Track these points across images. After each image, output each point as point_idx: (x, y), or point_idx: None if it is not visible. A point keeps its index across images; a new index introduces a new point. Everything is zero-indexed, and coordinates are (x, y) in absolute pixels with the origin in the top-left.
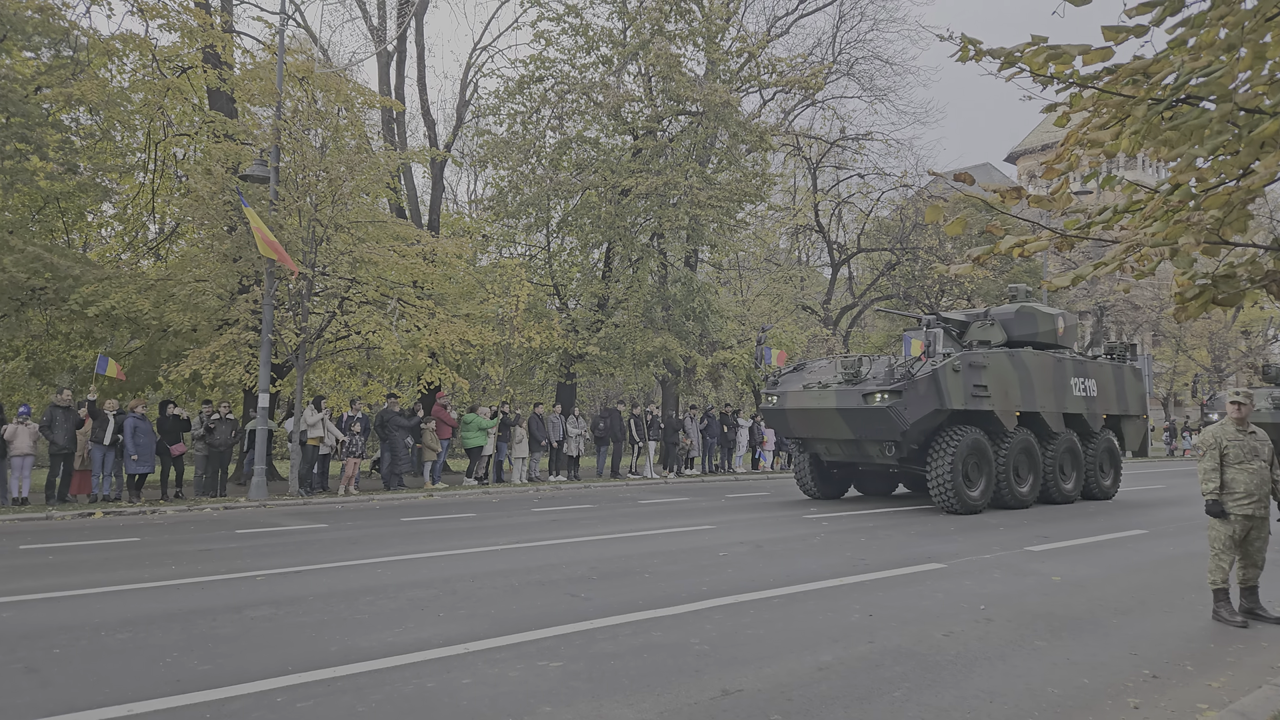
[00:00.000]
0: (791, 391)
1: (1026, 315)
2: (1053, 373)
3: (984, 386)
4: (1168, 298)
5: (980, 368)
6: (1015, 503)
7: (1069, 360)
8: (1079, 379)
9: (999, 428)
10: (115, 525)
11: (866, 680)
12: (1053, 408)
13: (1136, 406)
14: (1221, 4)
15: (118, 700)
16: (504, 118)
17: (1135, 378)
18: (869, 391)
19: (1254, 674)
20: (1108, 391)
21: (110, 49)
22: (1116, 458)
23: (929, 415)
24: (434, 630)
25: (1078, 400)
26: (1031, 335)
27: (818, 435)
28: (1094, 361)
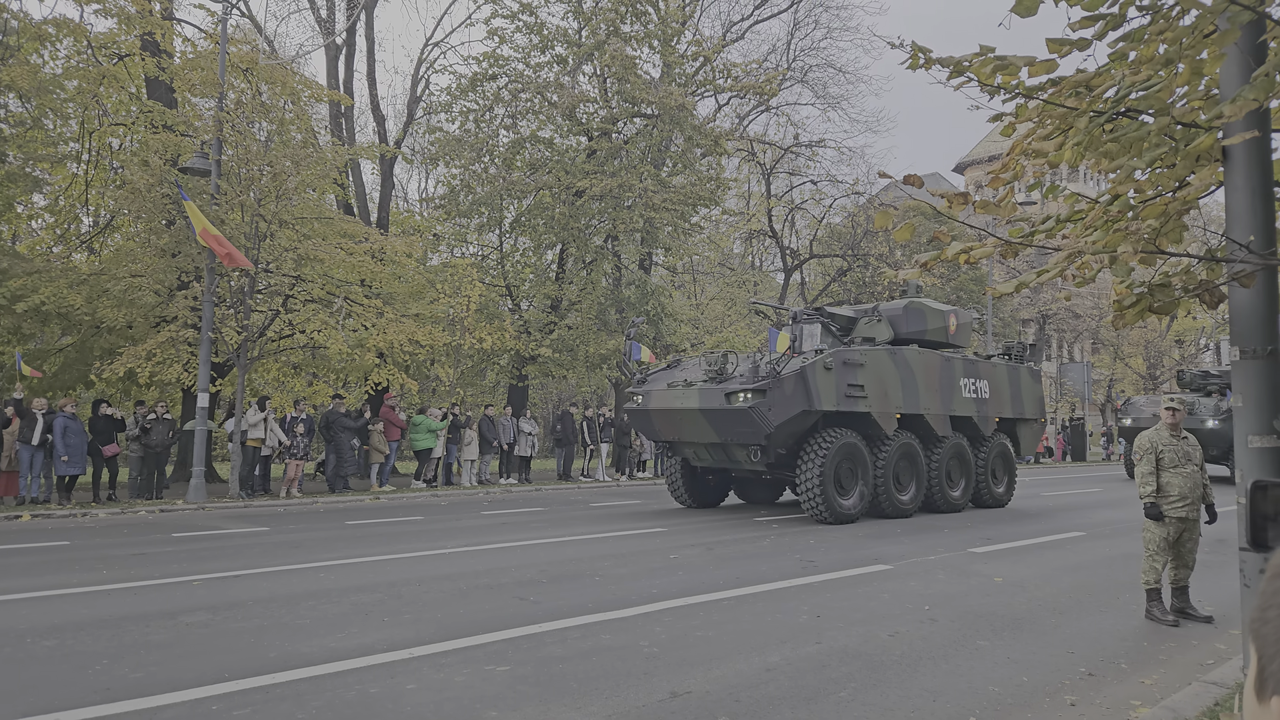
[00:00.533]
0: (656, 391)
1: (915, 311)
2: (940, 372)
3: (860, 386)
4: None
5: (856, 366)
6: (895, 511)
7: (959, 360)
8: (969, 380)
9: (878, 431)
10: (44, 528)
11: (814, 680)
12: (939, 409)
13: (1033, 409)
14: (1161, 19)
15: (43, 710)
16: (456, 115)
17: (1032, 379)
18: (732, 391)
19: (1185, 671)
20: (1001, 393)
21: (43, 34)
22: (1010, 463)
23: (797, 417)
24: (378, 635)
25: (967, 402)
26: (920, 332)
27: (683, 438)
28: (987, 362)
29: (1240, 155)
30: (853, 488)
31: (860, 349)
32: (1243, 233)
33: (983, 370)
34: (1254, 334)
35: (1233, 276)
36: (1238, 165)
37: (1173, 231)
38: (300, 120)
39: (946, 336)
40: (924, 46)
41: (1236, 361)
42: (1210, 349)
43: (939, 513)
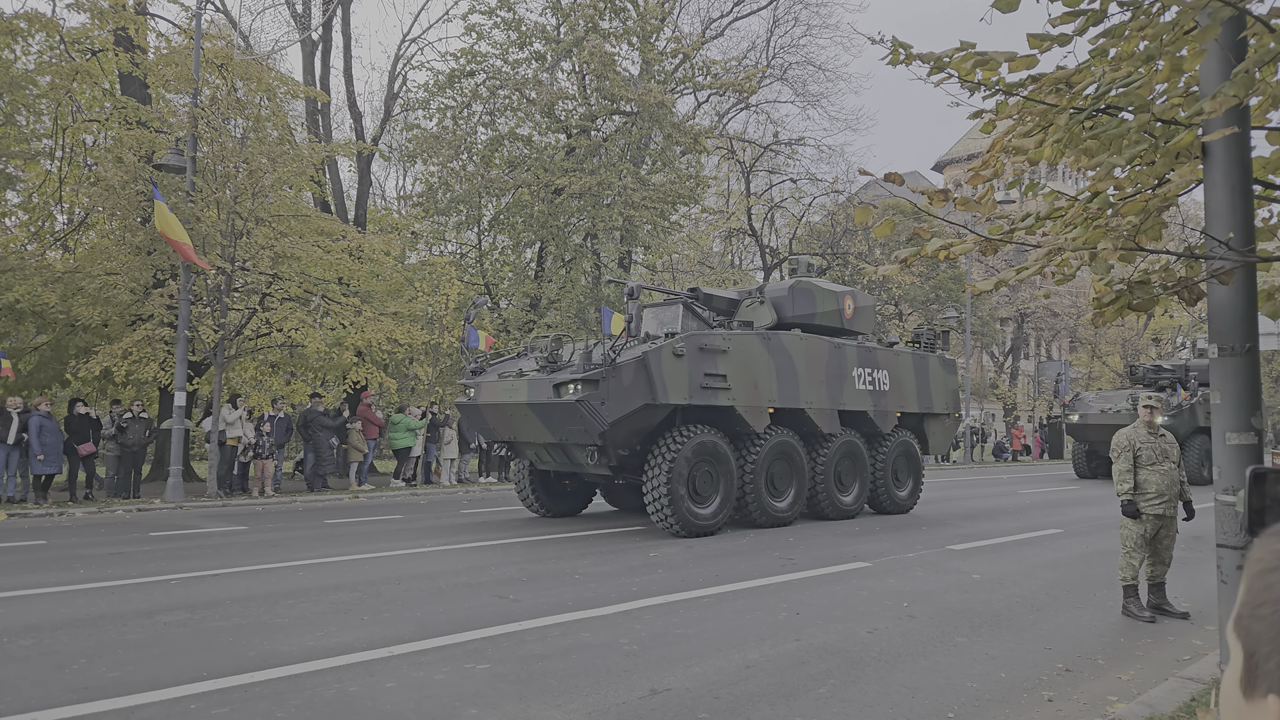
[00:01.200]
0: (486, 383)
1: (802, 292)
2: (828, 361)
3: (722, 376)
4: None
5: (716, 353)
6: (768, 519)
7: (852, 347)
8: (865, 370)
9: (746, 428)
10: (20, 528)
11: (793, 677)
12: (825, 403)
13: (945, 403)
14: (1142, 15)
15: (19, 709)
16: (434, 112)
17: (945, 370)
18: (561, 382)
19: (1161, 667)
20: (905, 385)
21: (14, 28)
22: (916, 464)
23: (638, 412)
24: (357, 634)
25: (862, 395)
26: (808, 316)
27: (519, 437)
28: (888, 350)
29: (1220, 152)
30: (712, 494)
31: (722, 333)
32: (1222, 230)
33: (882, 359)
34: (1232, 331)
35: (1212, 273)
36: (1217, 162)
37: (1152, 229)
38: (276, 117)
39: (841, 321)
40: (904, 42)
41: (1215, 359)
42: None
43: (826, 519)
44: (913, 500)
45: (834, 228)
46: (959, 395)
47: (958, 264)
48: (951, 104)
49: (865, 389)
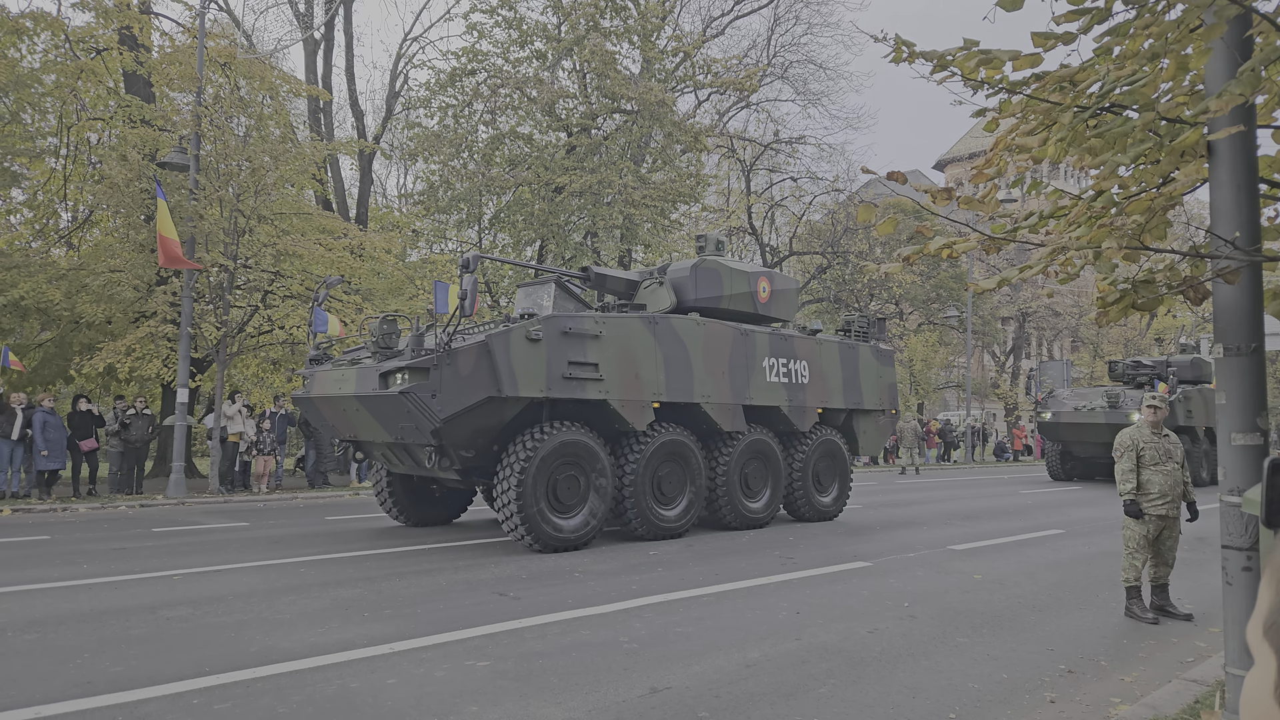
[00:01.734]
0: (320, 373)
1: (707, 272)
2: (731, 350)
3: (593, 365)
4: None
5: (585, 338)
6: (655, 530)
7: (763, 335)
8: (780, 360)
9: (624, 425)
10: (24, 523)
11: (793, 677)
12: (725, 397)
13: (878, 399)
14: (1147, 14)
15: (25, 703)
16: (435, 110)
17: (879, 362)
18: (387, 371)
19: (1165, 669)
20: (830, 378)
21: (20, 27)
22: (842, 466)
23: (480, 407)
24: (358, 630)
25: (774, 388)
26: (713, 299)
27: (359, 435)
28: (809, 338)
29: (1226, 151)
30: (578, 503)
31: (593, 315)
32: (1228, 229)
33: (801, 348)
34: (1238, 331)
35: (1217, 273)
36: (1223, 161)
37: (1157, 228)
38: (279, 115)
39: (754, 305)
40: (907, 40)
41: (1220, 359)
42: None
43: (729, 528)
44: (838, 506)
45: (834, 226)
46: (896, 390)
47: (959, 263)
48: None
49: (778, 381)
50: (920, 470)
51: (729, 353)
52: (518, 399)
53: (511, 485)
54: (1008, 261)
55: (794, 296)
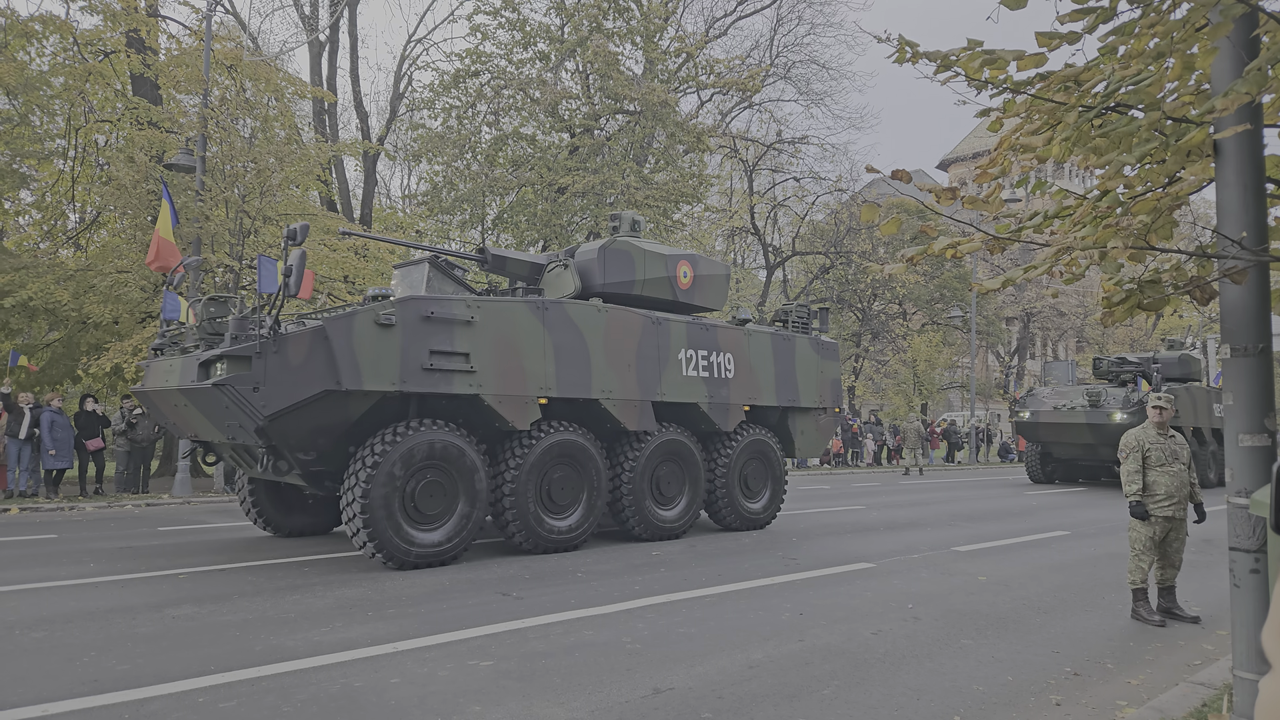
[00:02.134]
0: (154, 364)
1: (618, 254)
2: (640, 340)
3: (462, 355)
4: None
5: (453, 324)
6: (542, 543)
7: (678, 324)
8: (699, 352)
9: (504, 423)
10: (32, 522)
11: (797, 678)
12: (630, 392)
13: (817, 395)
14: (1152, 13)
15: (32, 700)
16: (439, 112)
17: (820, 355)
18: (207, 359)
19: (1171, 672)
20: (759, 372)
21: (29, 31)
22: (774, 470)
23: (316, 402)
24: (362, 629)
25: (691, 383)
26: (624, 284)
27: (199, 435)
28: (734, 329)
29: (1232, 150)
30: (443, 513)
31: (465, 298)
32: (1234, 228)
33: (726, 340)
34: (1245, 331)
35: (1224, 273)
36: (1229, 160)
37: (1163, 227)
38: (284, 117)
39: (673, 291)
40: (911, 40)
41: (1228, 360)
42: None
43: (638, 540)
44: (769, 514)
45: (837, 226)
46: (840, 386)
47: (963, 263)
48: (958, 102)
49: (697, 376)
50: (924, 471)
51: (637, 343)
52: (364, 393)
53: (356, 496)
54: (1012, 261)
55: (723, 283)
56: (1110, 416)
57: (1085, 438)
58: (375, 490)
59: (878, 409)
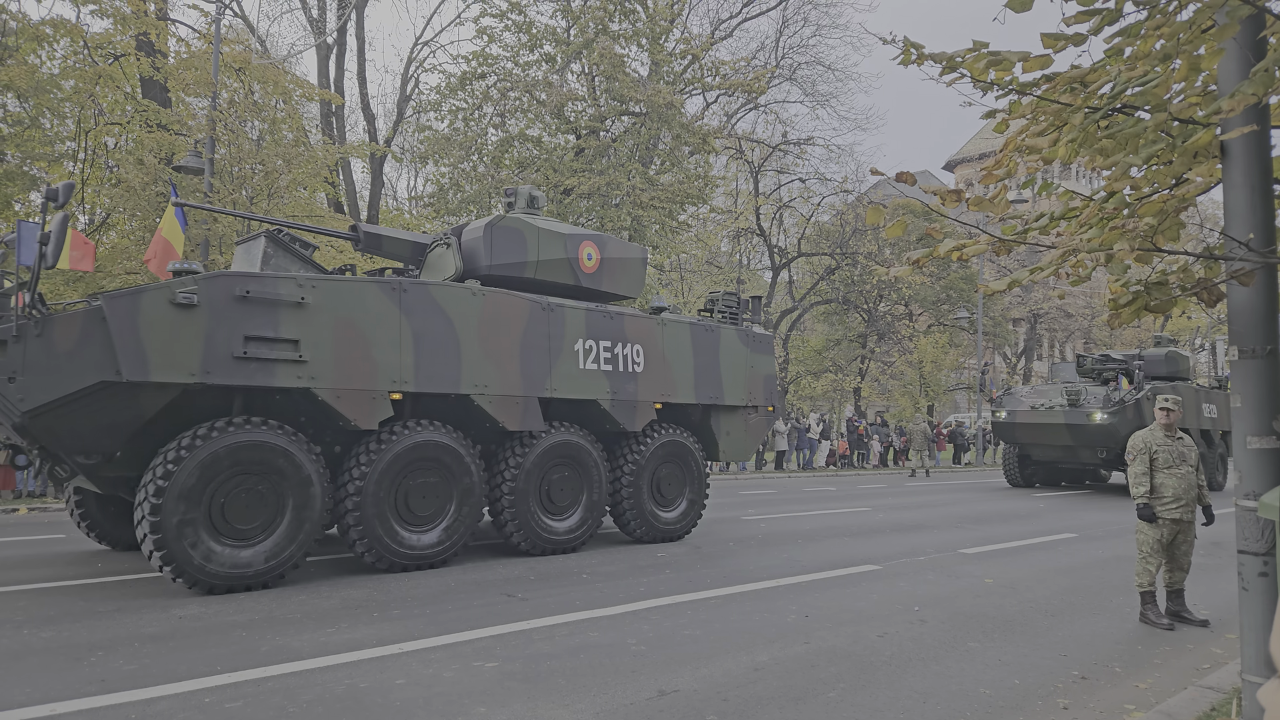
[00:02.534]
0: None
1: (508, 234)
2: (525, 329)
3: (290, 343)
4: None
5: (280, 306)
6: (394, 559)
7: (574, 311)
8: (601, 343)
9: (345, 422)
10: (39, 522)
11: (802, 680)
12: (511, 387)
13: (745, 392)
14: (1158, 14)
15: (40, 700)
16: (445, 114)
17: (750, 348)
18: None
19: (1180, 676)
20: (675, 366)
21: (40, 34)
22: (692, 475)
23: (91, 396)
24: (367, 630)
25: (590, 377)
26: (514, 266)
27: None
28: (645, 317)
29: (1239, 151)
30: (260, 530)
31: (295, 275)
32: (1242, 230)
33: (635, 330)
34: (1253, 333)
35: (1232, 275)
36: (1236, 161)
37: (1170, 229)
38: (292, 119)
39: (574, 275)
40: (916, 42)
41: (1236, 361)
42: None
43: (524, 555)
44: (686, 524)
45: (843, 227)
46: (774, 382)
47: (970, 264)
48: (964, 103)
49: (598, 369)
50: (930, 473)
51: (521, 332)
52: (156, 386)
53: (145, 512)
54: (1019, 262)
55: (639, 268)
56: (1090, 417)
57: (1064, 439)
58: (167, 503)
59: (884, 410)
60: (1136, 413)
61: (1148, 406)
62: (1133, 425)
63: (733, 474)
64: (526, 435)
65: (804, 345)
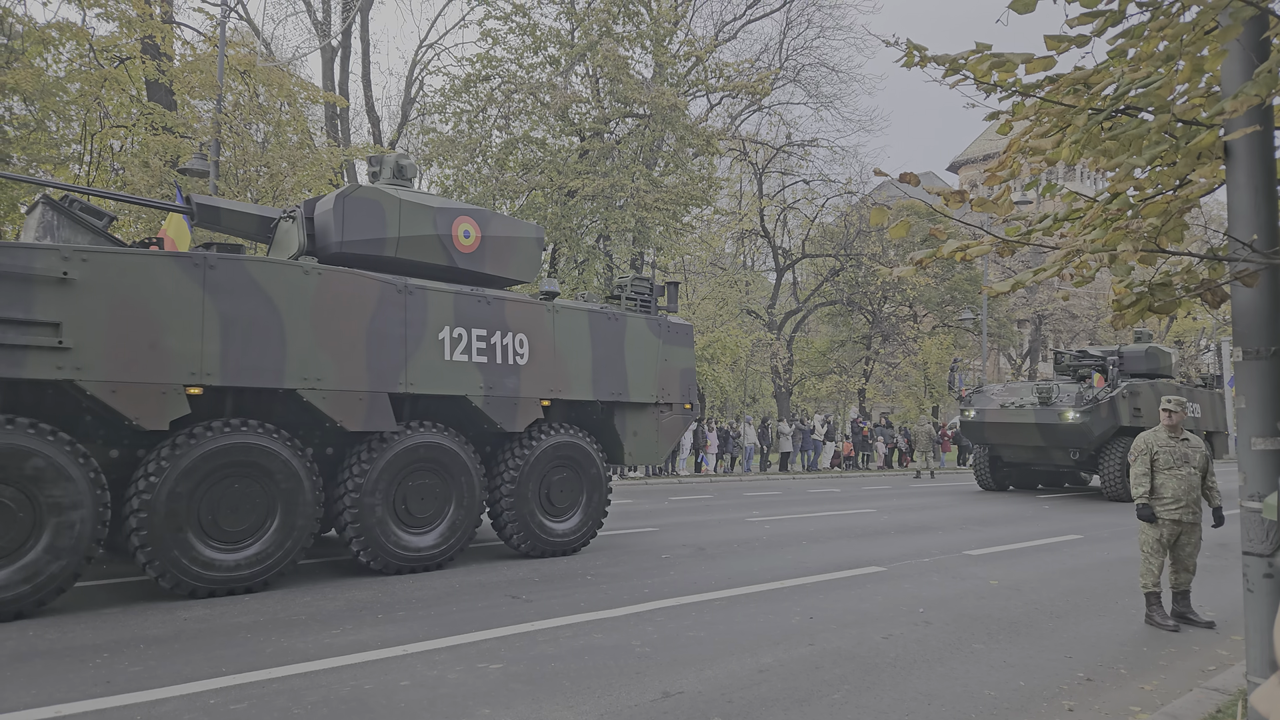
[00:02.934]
0: None
1: (363, 206)
2: (372, 313)
3: (50, 326)
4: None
5: (35, 283)
6: (198, 581)
7: (439, 294)
8: (472, 331)
9: (124, 419)
10: None
11: (806, 682)
12: (354, 381)
13: (655, 388)
14: (1161, 16)
15: (45, 701)
16: (450, 116)
17: (663, 339)
18: None
19: (1185, 677)
20: (570, 358)
21: (46, 38)
22: (591, 480)
23: None
24: (372, 632)
25: (457, 370)
26: (372, 244)
27: None
28: (531, 303)
29: (1242, 152)
30: (16, 546)
31: (59, 246)
32: (1245, 231)
33: (516, 316)
34: (1257, 334)
35: (1235, 276)
36: (1240, 162)
37: (1173, 230)
38: (296, 121)
39: (448, 255)
40: (919, 44)
41: (1240, 362)
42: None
43: (378, 574)
44: (581, 535)
45: (847, 229)
46: (693, 377)
47: (974, 265)
48: (967, 105)
49: (469, 361)
50: (935, 474)
51: (368, 317)
52: None
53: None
54: (1023, 263)
55: (532, 249)
56: (1062, 415)
57: (1035, 439)
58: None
59: (888, 412)
60: (1111, 411)
61: (1123, 404)
62: (1107, 424)
63: (737, 475)
64: (375, 438)
65: (808, 347)
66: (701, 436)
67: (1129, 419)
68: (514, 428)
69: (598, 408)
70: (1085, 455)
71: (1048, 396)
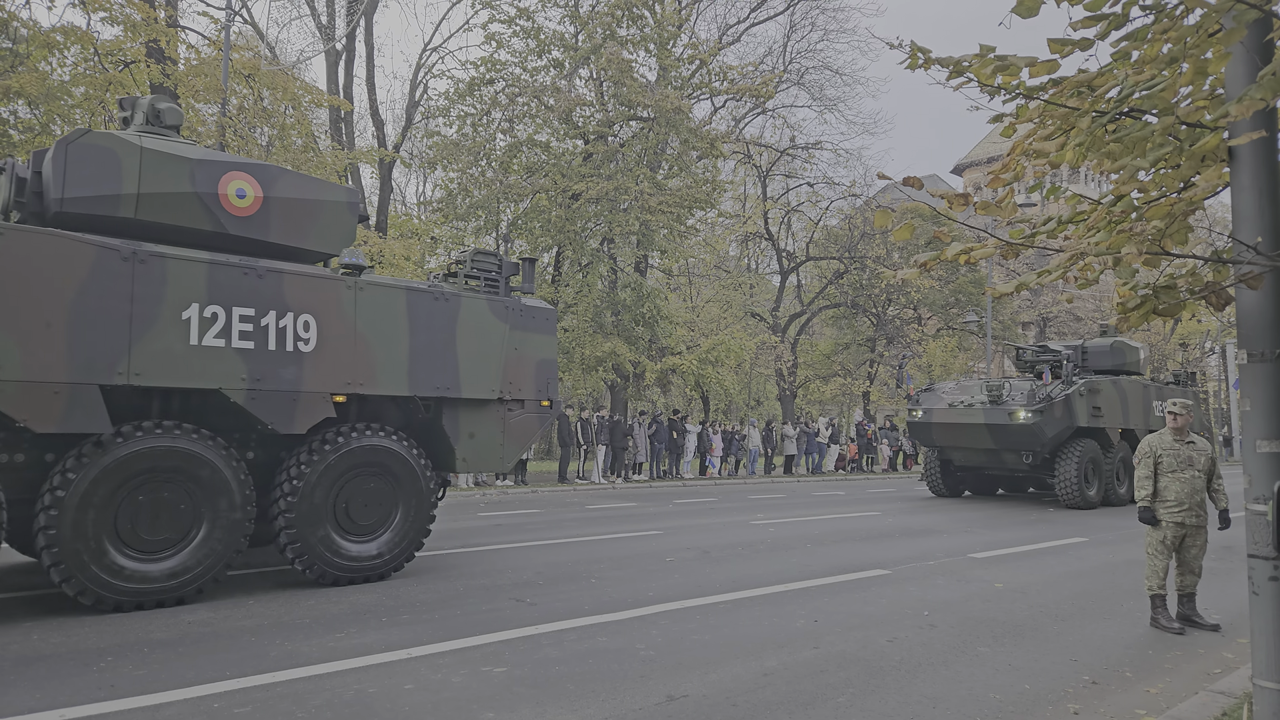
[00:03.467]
0: None
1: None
2: (79, 287)
3: None
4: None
5: None
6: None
7: (186, 264)
8: (233, 309)
9: None
10: None
11: (811, 686)
12: (49, 370)
13: (500, 380)
14: (1165, 19)
15: (50, 705)
16: (454, 119)
17: (512, 324)
18: None
19: (1191, 681)
20: (379, 345)
21: (51, 41)
22: (408, 490)
23: None
24: (376, 635)
25: (208, 358)
26: (105, 203)
27: None
28: (327, 278)
29: (1247, 155)
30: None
31: None
32: (1250, 233)
33: (299, 293)
34: (1262, 336)
35: (1240, 278)
36: (1244, 165)
37: (1178, 232)
38: (301, 125)
39: (215, 220)
40: (923, 47)
41: (1244, 365)
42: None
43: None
44: (394, 557)
45: (851, 231)
46: (555, 370)
47: (978, 267)
48: (971, 108)
49: (225, 347)
50: None
51: (74, 290)
52: None
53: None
54: (1027, 265)
55: (342, 215)
56: (1013, 415)
57: (985, 441)
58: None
59: (893, 415)
60: (1066, 411)
61: (1079, 403)
62: (1061, 425)
63: (741, 478)
64: (87, 441)
65: (813, 349)
66: (706, 439)
67: (1087, 419)
68: (293, 429)
69: (420, 405)
70: (1039, 459)
71: (998, 395)
